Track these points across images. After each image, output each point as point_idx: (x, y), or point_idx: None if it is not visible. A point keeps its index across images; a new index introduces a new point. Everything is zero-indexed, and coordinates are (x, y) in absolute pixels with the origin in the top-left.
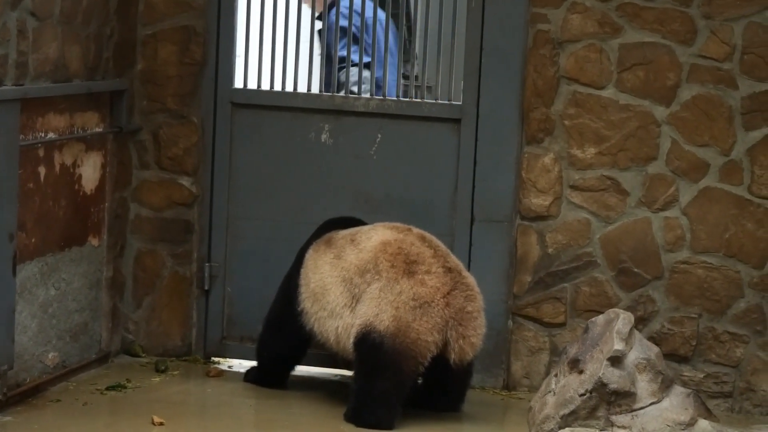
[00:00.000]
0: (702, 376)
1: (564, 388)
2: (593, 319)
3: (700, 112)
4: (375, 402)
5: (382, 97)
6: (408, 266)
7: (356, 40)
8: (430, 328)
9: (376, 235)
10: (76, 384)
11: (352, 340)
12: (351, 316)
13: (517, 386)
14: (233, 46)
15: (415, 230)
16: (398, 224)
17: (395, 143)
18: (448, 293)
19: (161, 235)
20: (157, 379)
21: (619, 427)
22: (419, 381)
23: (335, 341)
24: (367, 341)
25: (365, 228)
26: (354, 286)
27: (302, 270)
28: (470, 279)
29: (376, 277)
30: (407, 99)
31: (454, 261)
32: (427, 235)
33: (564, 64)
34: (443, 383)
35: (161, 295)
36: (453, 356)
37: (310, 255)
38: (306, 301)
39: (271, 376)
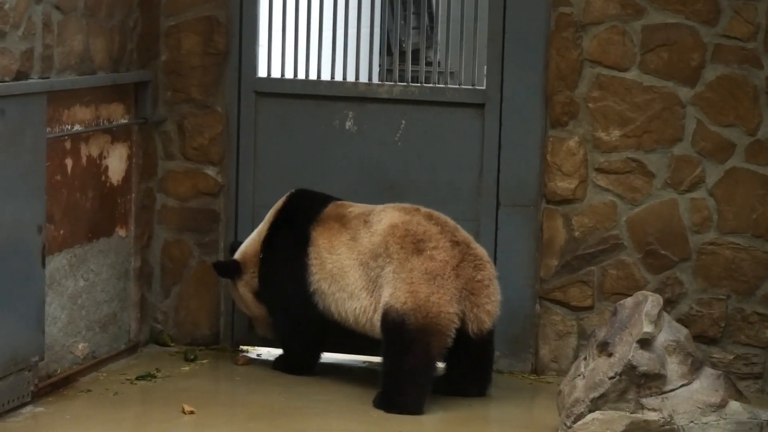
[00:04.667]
0: (731, 357)
1: (593, 372)
2: (622, 301)
3: (725, 92)
4: (404, 383)
5: (405, 84)
6: (416, 245)
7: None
8: (449, 300)
9: (385, 218)
10: (106, 374)
11: (378, 325)
12: (368, 299)
13: (546, 370)
14: (256, 35)
15: (423, 210)
16: (406, 205)
17: (419, 129)
18: (457, 265)
19: (188, 224)
20: (187, 368)
21: (649, 409)
22: (443, 366)
23: (354, 321)
24: (389, 321)
25: (377, 209)
26: (370, 269)
27: (311, 249)
28: (479, 250)
29: (388, 260)
30: (431, 85)
31: (462, 235)
32: (434, 213)
33: (587, 46)
34: (467, 365)
35: (189, 285)
36: (471, 326)
37: (319, 233)
38: (321, 282)
39: (298, 363)
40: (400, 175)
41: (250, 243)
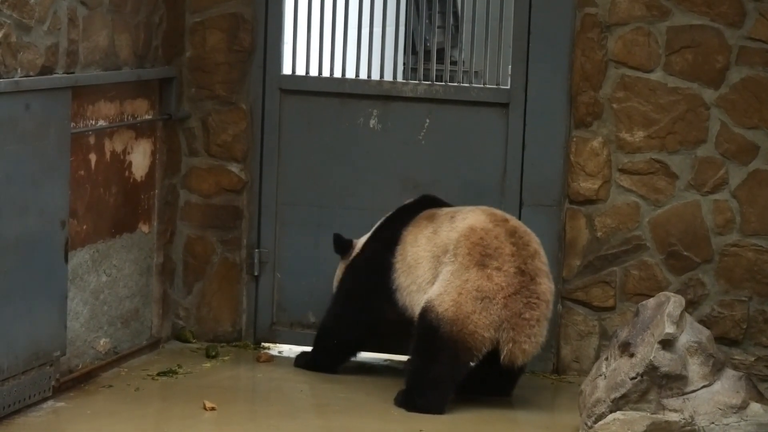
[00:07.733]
0: (753, 359)
1: (615, 372)
2: (644, 302)
3: (750, 95)
4: (427, 385)
5: (430, 83)
6: (482, 258)
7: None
8: (488, 324)
9: (470, 217)
10: (127, 370)
11: (416, 315)
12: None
13: (567, 370)
14: (281, 32)
15: (513, 223)
16: (497, 212)
17: (444, 128)
18: (509, 295)
19: (211, 221)
20: (208, 364)
21: (670, 410)
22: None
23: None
24: (426, 320)
25: (467, 208)
26: (438, 264)
27: (398, 247)
28: (543, 287)
29: (452, 259)
30: (455, 84)
31: (536, 265)
32: (521, 230)
33: (612, 47)
34: (495, 370)
35: (211, 282)
36: (503, 357)
37: (409, 231)
38: (401, 276)
39: (325, 362)
40: (424, 173)
41: (368, 235)
